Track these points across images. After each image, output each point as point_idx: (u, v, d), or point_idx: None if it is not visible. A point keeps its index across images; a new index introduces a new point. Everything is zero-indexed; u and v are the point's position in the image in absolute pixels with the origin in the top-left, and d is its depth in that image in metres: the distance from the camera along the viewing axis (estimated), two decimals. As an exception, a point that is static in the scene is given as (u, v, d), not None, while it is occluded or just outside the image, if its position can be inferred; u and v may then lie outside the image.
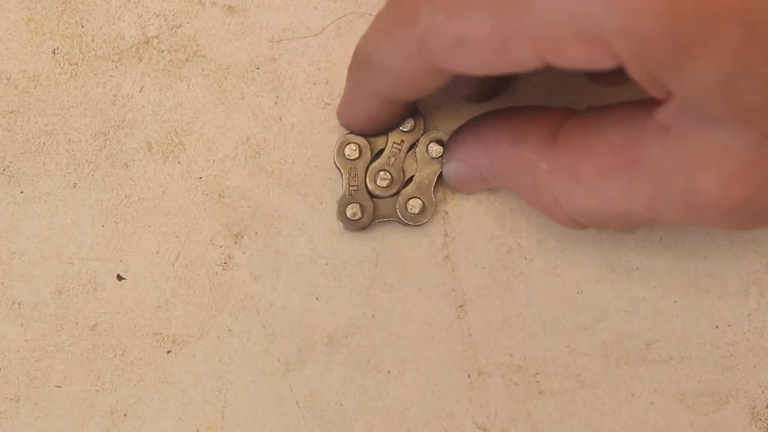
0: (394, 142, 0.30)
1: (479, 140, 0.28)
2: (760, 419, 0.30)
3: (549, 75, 0.31)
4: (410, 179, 0.30)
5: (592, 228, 0.27)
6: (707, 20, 0.20)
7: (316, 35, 0.31)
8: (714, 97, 0.21)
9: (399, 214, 0.30)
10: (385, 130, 0.30)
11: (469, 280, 0.31)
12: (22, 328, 0.30)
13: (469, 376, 0.30)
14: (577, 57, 0.21)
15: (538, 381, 0.30)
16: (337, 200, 0.30)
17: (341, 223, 0.30)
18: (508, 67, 0.23)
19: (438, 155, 0.30)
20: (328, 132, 0.31)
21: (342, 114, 0.30)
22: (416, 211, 0.30)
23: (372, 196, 0.30)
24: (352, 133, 0.30)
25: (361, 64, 0.27)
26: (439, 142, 0.30)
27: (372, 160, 0.30)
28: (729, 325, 0.31)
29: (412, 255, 0.31)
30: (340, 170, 0.30)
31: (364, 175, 0.30)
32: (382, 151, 0.30)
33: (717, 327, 0.31)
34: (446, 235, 0.31)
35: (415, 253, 0.31)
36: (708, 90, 0.21)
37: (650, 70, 0.21)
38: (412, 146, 0.30)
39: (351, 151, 0.30)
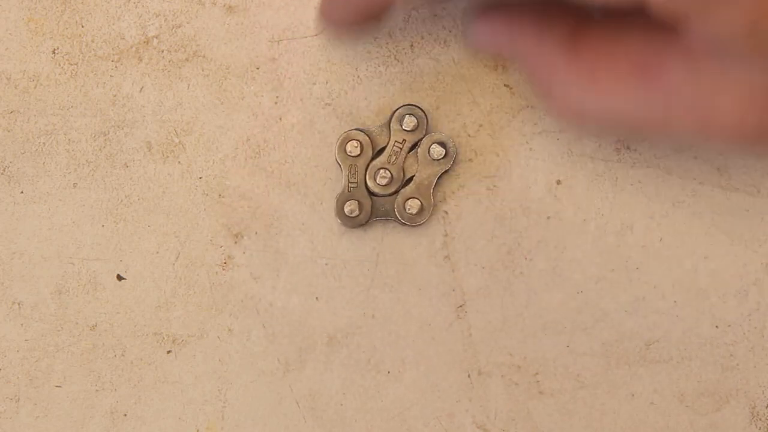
0: (395, 141, 0.30)
1: (504, 21, 0.28)
2: (760, 419, 0.30)
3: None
4: (410, 179, 0.30)
5: (592, 124, 0.27)
6: None
7: (316, 35, 0.31)
8: (739, 39, 0.22)
9: (397, 213, 0.30)
10: (367, 22, 0.29)
11: (469, 280, 0.31)
12: (22, 328, 0.30)
13: (469, 376, 0.30)
14: None
15: (538, 381, 0.30)
16: (336, 196, 0.30)
17: (338, 220, 0.30)
18: None
19: (440, 157, 0.30)
20: (328, 132, 0.31)
21: (324, 10, 0.29)
22: (414, 211, 0.30)
23: (371, 194, 0.30)
24: (332, 26, 0.29)
25: None
26: (441, 144, 0.30)
27: (373, 158, 0.30)
28: (729, 325, 0.31)
29: (412, 255, 0.31)
30: (340, 166, 0.30)
31: (364, 173, 0.30)
32: (383, 149, 0.30)
33: (717, 327, 0.31)
34: (446, 235, 0.31)
35: (415, 253, 0.31)
36: (732, 35, 0.22)
37: (675, 12, 0.22)
38: (414, 146, 0.30)
39: (352, 147, 0.30)
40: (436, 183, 0.30)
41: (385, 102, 0.30)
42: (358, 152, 0.30)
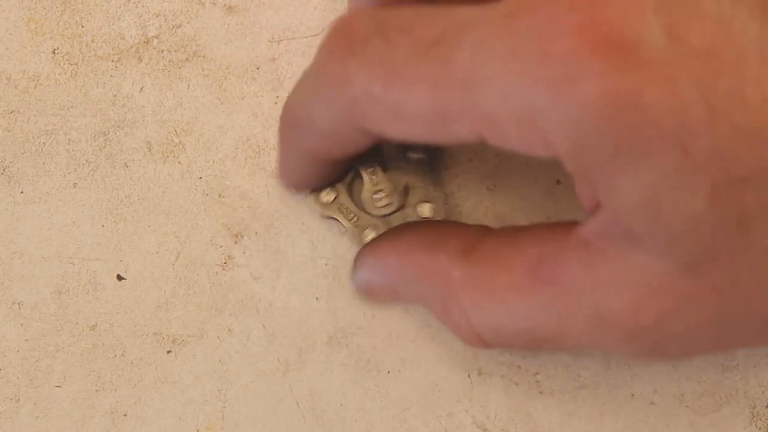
0: (367, 169, 0.29)
1: (392, 246, 0.28)
2: (760, 419, 0.30)
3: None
4: (406, 187, 0.30)
5: (496, 347, 0.26)
6: (647, 133, 0.19)
7: (316, 35, 0.31)
8: (640, 214, 0.20)
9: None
10: (328, 183, 0.29)
11: (469, 280, 0.31)
12: (22, 328, 0.30)
13: (469, 376, 0.30)
14: (514, 140, 0.21)
15: (538, 381, 0.30)
16: (350, 239, 0.30)
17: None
18: (442, 139, 0.22)
19: (419, 155, 0.29)
20: (328, 132, 0.31)
21: (281, 175, 0.30)
22: (429, 214, 0.29)
23: (379, 217, 0.30)
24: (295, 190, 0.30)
25: (288, 123, 0.27)
26: (413, 144, 0.29)
27: (349, 191, 0.30)
28: (729, 325, 0.31)
29: (412, 255, 0.31)
30: (334, 218, 0.30)
31: (353, 204, 0.29)
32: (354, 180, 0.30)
33: (717, 327, 0.31)
34: (446, 235, 0.31)
35: (415, 253, 0.31)
36: (635, 205, 0.20)
37: (583, 169, 0.20)
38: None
39: (326, 195, 0.29)
40: (437, 178, 0.30)
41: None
42: (334, 195, 0.29)
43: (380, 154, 0.29)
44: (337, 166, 0.28)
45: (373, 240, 0.29)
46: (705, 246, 0.20)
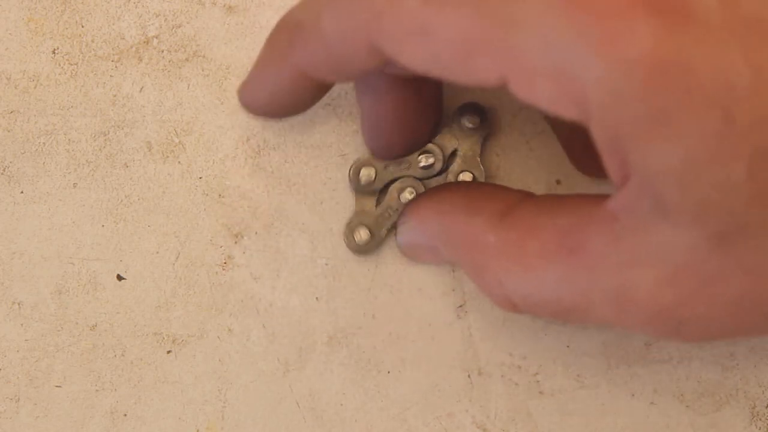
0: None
1: (434, 206, 0.28)
2: (760, 419, 0.30)
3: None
4: (453, 153, 0.30)
5: (528, 313, 0.26)
6: (691, 98, 0.19)
7: (316, 35, 0.31)
8: (673, 182, 0.20)
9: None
10: (285, 114, 0.28)
11: (469, 280, 0.31)
12: (22, 328, 0.30)
13: (469, 376, 0.30)
14: (542, 93, 0.20)
15: (538, 381, 0.30)
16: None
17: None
18: (461, 75, 0.21)
19: (475, 125, 0.29)
20: (328, 132, 0.31)
21: (244, 89, 0.28)
22: None
23: (419, 179, 0.30)
24: (252, 112, 0.29)
25: (287, 28, 0.25)
26: (473, 112, 0.29)
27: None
28: (729, 325, 0.31)
29: (412, 255, 0.31)
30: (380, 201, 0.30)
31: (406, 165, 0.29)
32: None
33: (717, 327, 0.31)
34: (446, 235, 0.31)
35: (415, 253, 0.31)
36: (669, 173, 0.19)
37: (615, 135, 0.20)
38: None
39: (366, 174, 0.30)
40: (481, 150, 0.30)
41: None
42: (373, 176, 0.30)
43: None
44: (314, 94, 0.27)
45: (414, 200, 0.29)
46: (737, 218, 0.20)
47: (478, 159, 0.30)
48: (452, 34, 0.20)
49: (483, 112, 0.30)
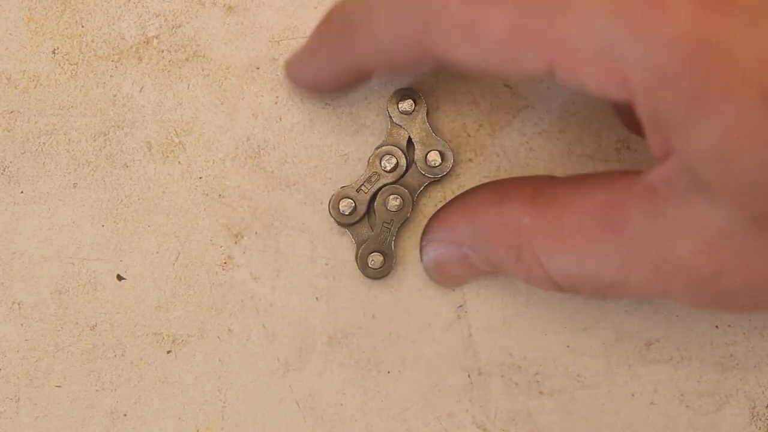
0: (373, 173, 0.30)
1: (461, 209, 0.28)
2: (760, 419, 0.30)
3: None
4: (409, 141, 0.30)
5: (569, 291, 0.26)
6: (730, 78, 0.19)
7: (316, 35, 0.31)
8: (712, 161, 0.20)
9: (420, 170, 0.30)
10: (328, 93, 0.29)
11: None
12: (22, 328, 0.30)
13: (469, 376, 0.30)
14: (588, 76, 0.21)
15: (538, 381, 0.30)
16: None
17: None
18: (511, 67, 0.22)
19: (412, 107, 0.29)
20: (328, 132, 0.31)
21: (294, 68, 0.29)
22: (440, 159, 0.29)
23: (394, 183, 0.30)
24: (295, 85, 0.29)
25: (338, 24, 0.26)
26: (404, 97, 0.29)
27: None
28: (729, 325, 0.31)
29: (412, 255, 0.31)
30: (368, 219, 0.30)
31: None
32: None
33: (717, 327, 0.31)
34: (446, 235, 0.31)
35: (415, 253, 0.31)
36: (708, 151, 0.20)
37: (656, 113, 0.20)
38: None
39: (345, 207, 0.30)
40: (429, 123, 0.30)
41: (386, 102, 0.30)
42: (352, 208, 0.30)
43: None
44: (366, 81, 0.28)
45: (435, 214, 0.29)
46: None
47: (434, 135, 0.30)
48: (495, 31, 0.21)
49: (413, 93, 0.30)
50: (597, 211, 0.24)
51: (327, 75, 0.27)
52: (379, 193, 0.30)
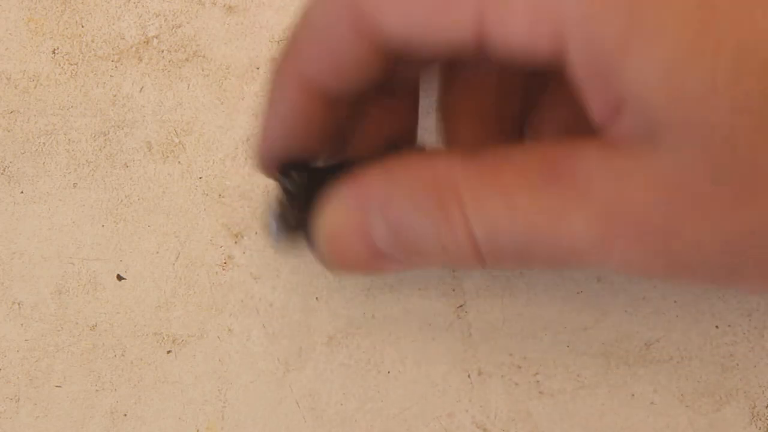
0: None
1: (378, 170, 0.23)
2: (760, 419, 0.30)
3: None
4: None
5: (490, 261, 0.23)
6: (662, 8, 0.18)
7: (316, 35, 0.31)
8: (660, 94, 0.19)
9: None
10: (317, 145, 0.25)
11: (469, 280, 0.31)
12: (22, 328, 0.30)
13: (469, 376, 0.30)
14: (520, 28, 0.20)
15: (538, 381, 0.30)
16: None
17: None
18: (437, 30, 0.21)
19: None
20: (328, 132, 0.31)
21: (261, 137, 0.25)
22: None
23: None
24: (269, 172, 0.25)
25: (285, 45, 0.24)
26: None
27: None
28: (729, 325, 0.31)
29: (412, 255, 0.31)
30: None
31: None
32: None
33: (717, 327, 0.31)
34: (446, 235, 0.31)
35: (415, 253, 0.31)
36: (655, 83, 0.19)
37: (597, 56, 0.19)
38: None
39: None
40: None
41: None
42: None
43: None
44: (326, 112, 0.24)
45: (345, 180, 0.24)
46: (723, 132, 0.19)
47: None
48: None
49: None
50: (544, 163, 0.21)
51: (293, 113, 0.24)
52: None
